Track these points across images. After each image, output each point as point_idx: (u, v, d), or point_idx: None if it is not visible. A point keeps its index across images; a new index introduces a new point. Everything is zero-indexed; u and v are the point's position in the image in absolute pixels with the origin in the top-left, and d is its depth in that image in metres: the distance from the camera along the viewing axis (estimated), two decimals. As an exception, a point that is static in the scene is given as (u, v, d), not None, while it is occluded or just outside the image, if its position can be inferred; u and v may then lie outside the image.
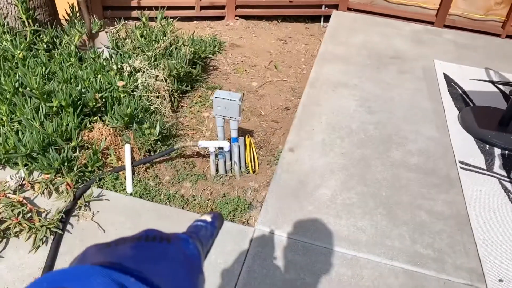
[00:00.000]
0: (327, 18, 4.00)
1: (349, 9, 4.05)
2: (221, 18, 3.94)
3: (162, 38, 2.84)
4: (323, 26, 4.03)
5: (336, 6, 4.05)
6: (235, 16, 3.95)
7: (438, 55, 3.42)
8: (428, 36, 3.73)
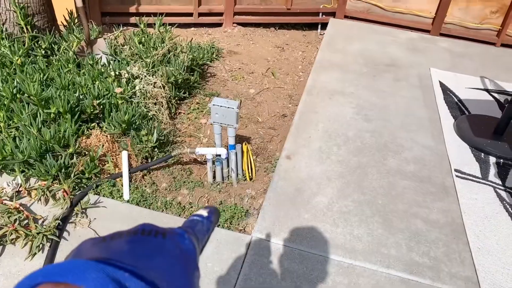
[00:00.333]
0: (324, 25, 4.03)
1: (346, 16, 4.08)
2: (219, 25, 3.97)
3: (160, 45, 2.85)
4: (320, 34, 4.06)
5: (333, 14, 4.09)
6: (233, 23, 3.97)
7: (433, 63, 3.45)
8: (424, 44, 3.77)
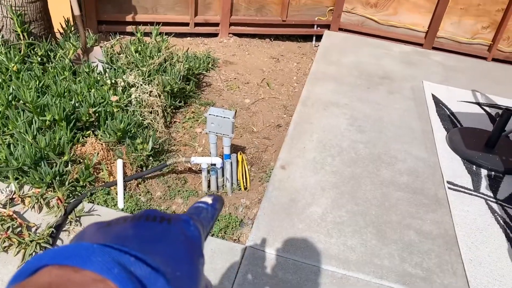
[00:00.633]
0: (319, 37, 4.08)
1: (340, 29, 4.14)
2: (215, 35, 4.00)
3: (156, 54, 2.87)
4: (315, 46, 4.11)
5: (328, 26, 4.14)
6: (229, 33, 4.01)
7: (426, 76, 3.50)
8: (417, 58, 3.83)
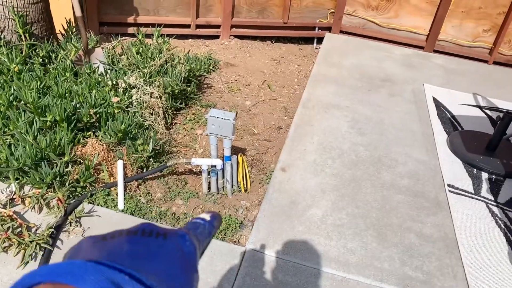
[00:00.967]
0: (320, 40, 4.08)
1: (341, 31, 4.14)
2: (216, 37, 4.00)
3: (158, 55, 2.87)
4: (316, 48, 4.11)
5: (329, 29, 4.14)
6: (230, 35, 4.01)
7: (427, 79, 3.50)
8: (418, 60, 3.83)
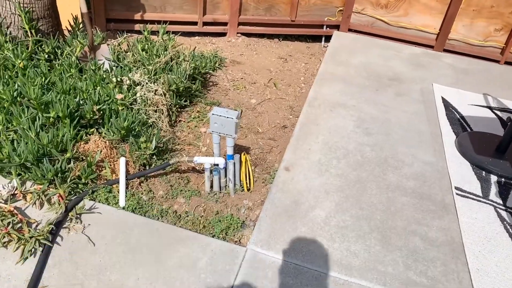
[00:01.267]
0: (328, 38, 4.03)
1: (350, 30, 4.09)
2: (223, 34, 3.98)
3: (163, 52, 2.85)
4: (324, 46, 4.07)
5: (337, 27, 4.10)
6: (237, 33, 3.98)
7: (436, 79, 3.44)
8: (427, 60, 3.76)
